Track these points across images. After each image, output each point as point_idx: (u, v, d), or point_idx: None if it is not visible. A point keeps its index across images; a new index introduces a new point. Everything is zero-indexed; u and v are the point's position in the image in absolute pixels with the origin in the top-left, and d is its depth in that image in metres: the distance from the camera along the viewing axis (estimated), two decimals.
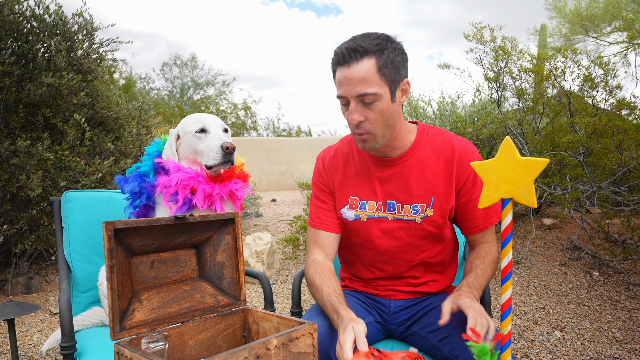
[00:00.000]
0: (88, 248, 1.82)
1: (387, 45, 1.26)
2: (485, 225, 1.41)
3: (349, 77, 1.24)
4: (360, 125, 1.29)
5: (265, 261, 3.83)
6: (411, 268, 1.47)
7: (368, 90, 1.24)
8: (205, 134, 1.62)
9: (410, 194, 1.39)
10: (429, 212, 1.39)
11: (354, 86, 1.24)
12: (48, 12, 3.32)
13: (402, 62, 1.29)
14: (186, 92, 19.14)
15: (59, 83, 3.12)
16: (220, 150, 1.57)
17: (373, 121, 1.28)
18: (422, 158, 1.39)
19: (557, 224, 4.20)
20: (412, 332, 1.43)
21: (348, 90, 1.26)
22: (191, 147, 1.63)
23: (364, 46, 1.23)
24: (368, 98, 1.25)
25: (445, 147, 1.39)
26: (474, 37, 3.94)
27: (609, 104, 3.73)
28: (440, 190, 1.38)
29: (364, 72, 1.23)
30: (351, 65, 1.24)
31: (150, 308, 1.11)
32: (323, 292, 1.33)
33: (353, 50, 1.24)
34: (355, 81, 1.24)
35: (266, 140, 12.28)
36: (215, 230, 1.24)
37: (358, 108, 1.27)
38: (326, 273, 1.38)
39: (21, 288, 3.41)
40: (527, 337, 2.67)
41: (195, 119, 1.67)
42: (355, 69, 1.24)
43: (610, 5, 7.24)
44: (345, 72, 1.25)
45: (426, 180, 1.38)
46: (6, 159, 3.02)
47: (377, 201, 1.43)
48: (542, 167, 0.89)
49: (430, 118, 5.13)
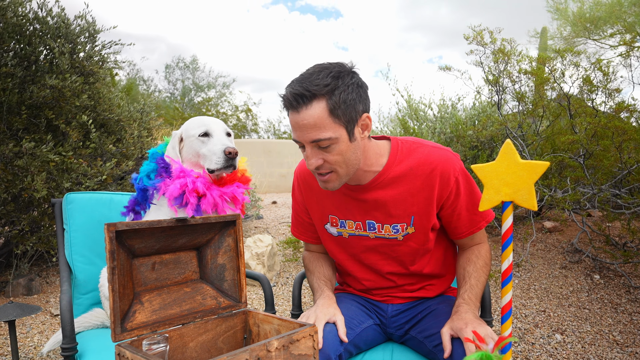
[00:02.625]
0: (89, 250, 1.82)
1: (338, 84, 1.16)
2: (471, 230, 1.38)
3: (301, 124, 1.17)
4: (320, 167, 1.22)
5: (265, 263, 3.83)
6: (402, 277, 1.46)
7: (321, 136, 1.16)
8: (209, 138, 1.63)
9: (389, 215, 1.35)
10: (410, 229, 1.36)
11: (307, 132, 1.17)
12: (51, 15, 3.34)
13: (358, 97, 1.19)
14: (187, 94, 19.17)
15: (62, 85, 3.13)
16: (222, 155, 1.57)
17: (333, 162, 1.21)
18: (397, 178, 1.32)
19: (557, 226, 4.20)
20: (410, 336, 1.42)
21: (301, 136, 1.19)
22: (194, 150, 1.64)
23: (311, 90, 1.14)
24: (323, 143, 1.17)
25: (423, 163, 1.31)
26: (474, 39, 3.95)
27: (608, 107, 3.74)
28: (420, 208, 1.33)
29: (314, 117, 1.15)
30: (300, 111, 1.16)
31: (151, 310, 1.11)
32: (314, 274, 1.45)
33: (300, 96, 1.15)
34: (307, 127, 1.16)
35: (267, 143, 12.29)
36: (216, 232, 1.24)
37: (315, 152, 1.20)
38: (320, 259, 1.51)
39: (22, 289, 3.42)
40: (527, 340, 2.66)
41: (198, 122, 1.67)
42: (305, 115, 1.15)
43: (614, 7, 7.25)
44: (296, 118, 1.17)
45: (404, 200, 1.33)
46: (10, 161, 3.03)
47: (356, 220, 1.39)
48: (543, 170, 0.89)
49: (431, 121, 5.13)
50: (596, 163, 3.58)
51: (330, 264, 1.52)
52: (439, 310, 1.39)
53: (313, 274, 1.49)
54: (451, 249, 1.53)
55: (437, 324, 1.31)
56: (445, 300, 1.46)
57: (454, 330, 1.17)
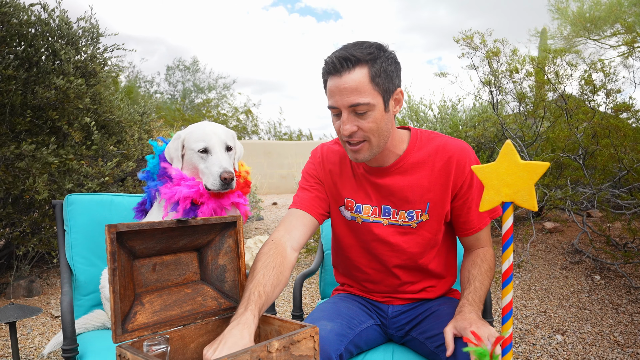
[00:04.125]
0: (90, 251, 1.83)
1: (380, 54, 1.22)
2: (479, 226, 1.40)
3: (341, 87, 1.21)
4: (354, 134, 1.25)
5: None
6: (407, 272, 1.45)
7: (361, 100, 1.20)
8: (207, 155, 1.60)
9: (406, 200, 1.38)
10: (424, 217, 1.38)
11: (346, 96, 1.21)
12: (52, 17, 3.34)
13: (395, 71, 1.26)
14: (188, 95, 19.18)
15: (67, 87, 3.14)
16: (218, 179, 1.56)
17: (367, 130, 1.24)
18: (416, 164, 1.36)
19: (558, 227, 4.20)
20: (411, 337, 1.42)
21: (340, 101, 1.22)
22: (193, 163, 1.63)
23: (356, 55, 1.20)
24: (361, 108, 1.21)
25: (441, 151, 1.36)
26: (464, 41, 3.95)
27: (608, 107, 3.74)
28: (436, 194, 1.36)
29: (356, 81, 1.20)
30: (343, 74, 1.20)
31: (152, 311, 1.11)
32: (254, 278, 1.18)
33: (345, 59, 1.20)
34: (347, 91, 1.20)
35: (267, 144, 12.30)
36: (217, 233, 1.25)
37: (350, 118, 1.23)
38: (273, 259, 1.24)
39: (22, 291, 3.42)
40: (528, 340, 2.66)
41: (199, 135, 1.62)
42: (347, 79, 1.20)
43: (613, 8, 7.25)
44: (337, 82, 1.21)
45: (421, 186, 1.36)
46: (11, 163, 3.03)
47: (373, 205, 1.41)
48: (543, 170, 0.89)
49: (432, 122, 5.14)
50: (595, 163, 3.58)
51: (281, 279, 1.24)
52: (441, 311, 1.39)
53: (254, 277, 1.20)
54: (453, 252, 1.54)
55: (439, 325, 1.30)
56: (447, 301, 1.46)
57: (457, 329, 1.17)
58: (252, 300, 1.11)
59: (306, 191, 1.46)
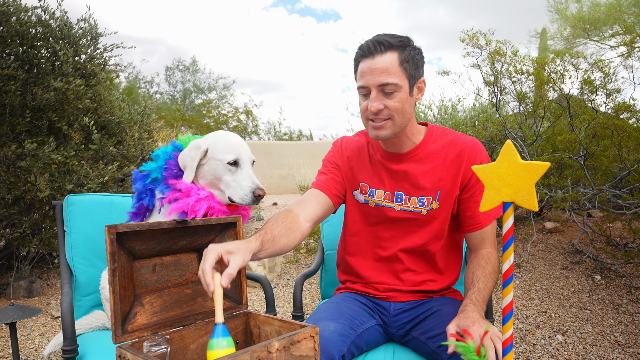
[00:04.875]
0: (90, 252, 1.82)
1: (409, 44, 1.36)
2: (485, 222, 1.43)
3: (373, 67, 1.33)
4: (380, 112, 1.35)
5: (266, 265, 3.83)
6: (412, 258, 1.48)
7: (389, 80, 1.32)
8: (237, 168, 1.55)
9: (418, 187, 1.44)
10: (435, 204, 1.44)
11: (377, 76, 1.32)
12: (53, 18, 3.34)
13: (421, 61, 1.39)
14: (188, 96, 19.18)
15: (66, 88, 3.14)
16: (251, 195, 1.51)
17: (393, 109, 1.35)
18: (430, 154, 1.45)
19: (558, 227, 4.20)
20: (411, 336, 1.42)
21: (371, 80, 1.33)
22: (217, 174, 1.55)
23: (388, 41, 1.33)
24: (389, 88, 1.32)
25: (454, 144, 1.45)
26: (470, 41, 3.95)
27: (609, 107, 3.73)
28: (447, 184, 1.43)
29: (387, 63, 1.32)
30: (375, 56, 1.33)
31: (152, 312, 1.11)
32: (269, 223, 1.32)
33: (379, 43, 1.33)
34: (378, 71, 1.32)
35: (267, 144, 12.31)
36: (216, 234, 1.24)
37: (378, 97, 1.34)
38: (284, 218, 1.36)
39: (23, 292, 3.42)
40: (528, 341, 2.66)
41: (228, 146, 1.56)
42: (379, 60, 1.32)
43: (612, 9, 7.26)
44: (369, 63, 1.34)
45: (433, 175, 1.44)
46: (12, 163, 3.03)
47: (386, 190, 1.48)
48: (543, 170, 0.89)
49: (431, 122, 5.14)
50: (596, 164, 3.57)
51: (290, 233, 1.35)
52: (443, 311, 1.40)
53: (265, 224, 1.34)
54: (457, 250, 1.56)
55: (441, 325, 1.31)
56: (449, 301, 1.46)
57: (460, 327, 1.17)
58: (257, 233, 1.24)
59: (323, 175, 1.57)
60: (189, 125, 13.73)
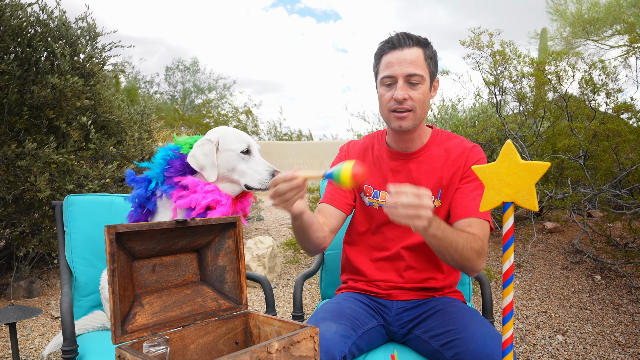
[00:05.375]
0: (90, 252, 1.82)
1: (430, 43, 1.45)
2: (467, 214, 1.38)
3: (401, 58, 1.39)
4: (405, 102, 1.39)
5: (266, 265, 3.83)
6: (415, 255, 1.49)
7: (417, 71, 1.38)
8: (250, 156, 1.61)
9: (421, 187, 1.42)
10: (437, 203, 1.48)
11: (405, 66, 1.38)
12: (51, 17, 3.34)
13: (438, 61, 1.48)
14: (188, 96, 19.18)
15: (63, 85, 3.13)
16: (270, 177, 1.56)
17: (416, 100, 1.40)
18: (433, 156, 1.50)
19: (558, 227, 4.19)
20: (413, 335, 1.43)
21: (399, 70, 1.38)
22: (231, 165, 1.60)
23: (415, 37, 1.42)
24: (415, 79, 1.38)
25: (457, 146, 1.49)
26: (472, 42, 3.95)
27: (609, 107, 3.73)
28: (447, 182, 1.47)
29: (415, 56, 1.39)
30: (404, 48, 1.39)
31: (151, 312, 1.11)
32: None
33: (407, 37, 1.40)
34: (406, 62, 1.38)
35: (267, 144, 12.30)
36: (216, 234, 1.24)
37: (404, 87, 1.39)
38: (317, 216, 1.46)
39: (23, 292, 3.42)
40: (529, 341, 2.66)
41: (238, 137, 1.63)
42: (407, 52, 1.39)
43: (612, 9, 7.25)
44: (398, 54, 1.39)
45: (435, 175, 1.48)
46: (12, 162, 3.03)
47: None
48: (544, 170, 0.89)
49: (431, 122, 5.13)
50: (596, 164, 3.57)
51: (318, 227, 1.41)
52: (446, 310, 1.41)
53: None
54: None
55: (444, 324, 1.32)
56: (451, 301, 1.47)
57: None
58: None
59: (330, 185, 1.60)
60: (188, 125, 13.74)
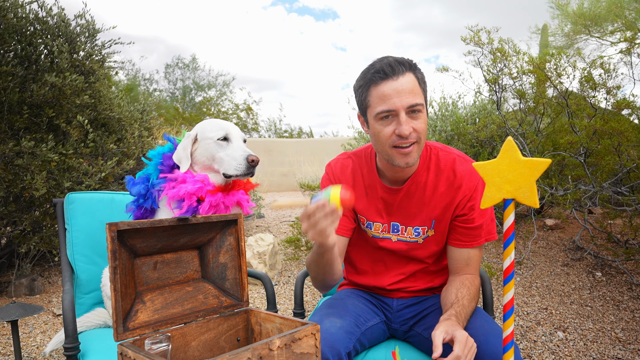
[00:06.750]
0: (91, 249, 1.83)
1: (417, 66, 1.31)
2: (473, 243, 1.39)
3: (399, 89, 1.24)
4: (410, 135, 1.26)
5: (267, 262, 3.83)
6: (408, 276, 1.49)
7: (417, 101, 1.25)
8: (228, 143, 1.61)
9: (413, 218, 1.42)
10: (430, 232, 1.43)
11: (405, 97, 1.24)
12: (50, 15, 3.34)
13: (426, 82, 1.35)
14: (188, 93, 19.17)
15: (62, 83, 3.13)
16: (245, 162, 1.56)
17: (420, 130, 1.27)
18: (425, 184, 1.40)
19: (559, 224, 4.20)
20: (414, 332, 1.43)
21: (399, 102, 1.24)
22: (210, 153, 1.61)
23: (406, 61, 1.27)
24: (418, 108, 1.25)
25: (450, 172, 1.38)
26: (472, 39, 3.94)
27: (609, 104, 3.72)
28: (441, 212, 1.40)
29: (411, 83, 1.25)
30: (398, 77, 1.24)
31: (153, 309, 1.11)
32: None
33: (399, 63, 1.25)
34: (405, 92, 1.24)
35: (268, 142, 12.30)
36: (217, 231, 1.24)
37: (407, 119, 1.25)
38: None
39: (24, 289, 3.42)
40: (529, 337, 2.66)
41: (217, 125, 1.64)
42: (404, 81, 1.24)
43: (613, 5, 7.23)
44: (394, 85, 1.24)
45: (427, 205, 1.40)
46: (10, 160, 3.03)
47: (383, 223, 1.46)
48: (544, 167, 0.89)
49: (432, 119, 5.12)
50: (597, 161, 3.57)
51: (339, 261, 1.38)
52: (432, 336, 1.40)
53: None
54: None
55: None
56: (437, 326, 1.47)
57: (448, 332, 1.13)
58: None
59: None
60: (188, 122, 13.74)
